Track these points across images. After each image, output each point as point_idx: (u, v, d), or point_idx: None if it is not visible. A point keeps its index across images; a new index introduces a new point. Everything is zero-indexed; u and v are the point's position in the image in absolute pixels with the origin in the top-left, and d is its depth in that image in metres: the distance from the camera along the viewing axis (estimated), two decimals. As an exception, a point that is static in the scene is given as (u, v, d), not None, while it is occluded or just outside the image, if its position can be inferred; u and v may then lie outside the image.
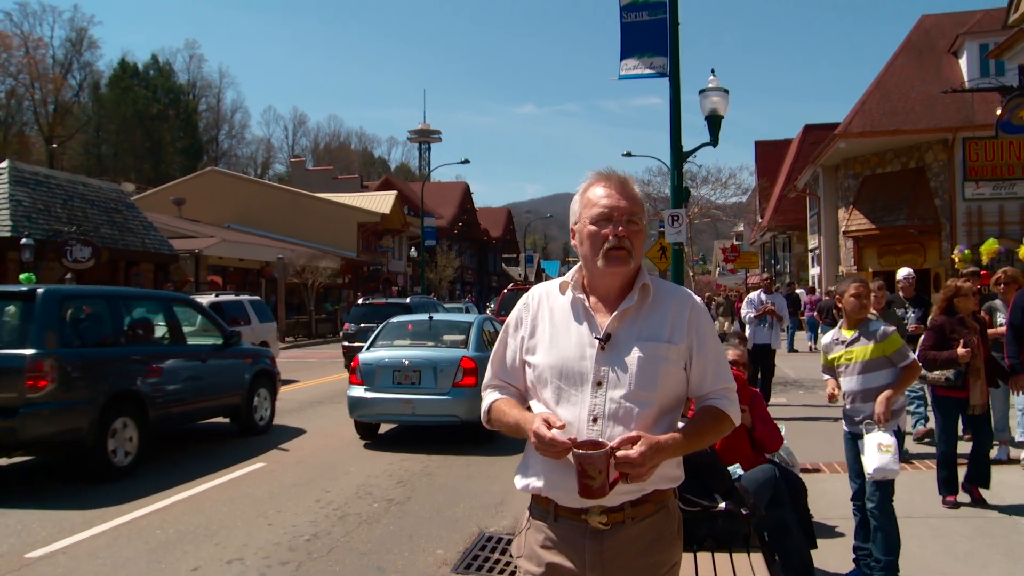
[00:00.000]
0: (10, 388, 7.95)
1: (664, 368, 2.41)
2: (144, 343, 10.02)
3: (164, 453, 10.14)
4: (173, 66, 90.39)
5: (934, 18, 30.57)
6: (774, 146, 50.39)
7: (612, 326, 2.44)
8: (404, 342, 11.43)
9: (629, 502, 2.39)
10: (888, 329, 5.51)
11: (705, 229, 38.38)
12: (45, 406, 8.06)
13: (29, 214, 25.03)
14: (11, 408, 7.90)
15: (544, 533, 2.48)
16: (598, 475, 2.22)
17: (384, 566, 5.91)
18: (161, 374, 9.72)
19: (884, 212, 27.15)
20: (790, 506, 5.23)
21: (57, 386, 8.11)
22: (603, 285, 2.51)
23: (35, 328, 8.26)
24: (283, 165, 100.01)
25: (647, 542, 2.43)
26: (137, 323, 10.15)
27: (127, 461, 8.91)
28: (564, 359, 2.45)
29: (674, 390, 2.46)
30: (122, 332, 9.65)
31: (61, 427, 8.22)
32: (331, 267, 39.11)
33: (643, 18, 12.72)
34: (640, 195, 2.56)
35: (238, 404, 11.34)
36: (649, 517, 2.43)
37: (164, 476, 8.83)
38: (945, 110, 25.38)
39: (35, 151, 68.17)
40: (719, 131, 13.09)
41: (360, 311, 21.47)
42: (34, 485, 8.77)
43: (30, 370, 7.98)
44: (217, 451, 10.27)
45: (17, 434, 7.94)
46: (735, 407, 2.51)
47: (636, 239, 2.46)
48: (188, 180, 51.55)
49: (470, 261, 78.98)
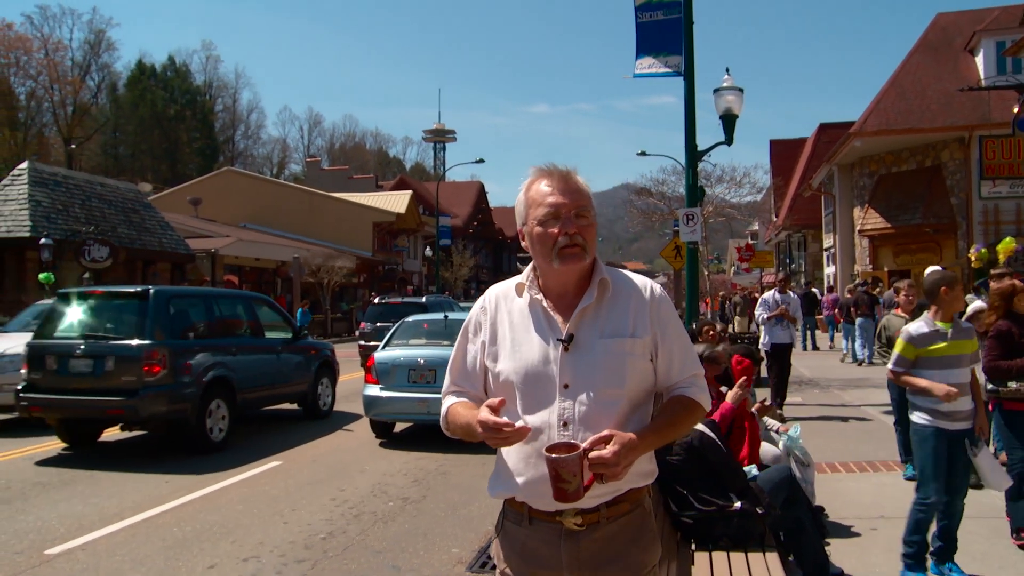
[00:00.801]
0: (131, 373, 9.54)
1: (630, 363, 2.34)
2: (232, 336, 11.51)
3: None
4: (190, 67, 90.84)
5: (950, 16, 30.39)
6: (789, 145, 50.17)
7: (573, 326, 2.36)
8: (419, 341, 11.44)
9: (604, 503, 2.33)
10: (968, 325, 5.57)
11: (720, 228, 38.16)
12: (159, 389, 9.60)
13: (48, 214, 25.23)
14: (132, 390, 9.47)
15: (520, 538, 2.44)
16: (573, 478, 2.15)
17: (399, 564, 5.93)
18: (245, 363, 11.24)
19: (899, 211, 27.01)
20: (805, 506, 5.23)
21: (168, 372, 9.67)
22: (559, 283, 2.43)
23: (149, 323, 9.80)
24: (299, 165, 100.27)
25: (624, 542, 2.36)
26: (226, 319, 11.62)
27: (220, 437, 10.39)
28: (528, 364, 2.37)
29: (642, 384, 2.39)
30: (215, 326, 11.18)
31: (171, 407, 9.73)
32: (346, 266, 39.22)
33: (658, 17, 12.73)
34: (586, 185, 2.44)
35: (305, 391, 12.76)
36: (624, 516, 2.37)
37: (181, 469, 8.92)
38: (961, 108, 25.22)
39: (54, 152, 68.64)
40: (734, 130, 13.06)
41: (376, 310, 21.52)
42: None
43: (147, 358, 9.56)
44: (233, 449, 10.33)
45: (138, 411, 9.50)
46: (704, 393, 2.46)
47: (587, 233, 2.37)
48: (204, 180, 51.86)
49: (485, 260, 79.00)
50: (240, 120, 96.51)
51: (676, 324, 2.47)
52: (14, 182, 25.75)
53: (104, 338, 9.93)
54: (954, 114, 25.37)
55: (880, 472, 8.35)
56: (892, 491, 7.52)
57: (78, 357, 9.73)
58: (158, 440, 11.04)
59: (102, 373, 9.63)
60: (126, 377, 9.55)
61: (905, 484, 7.69)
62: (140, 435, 11.32)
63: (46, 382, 9.87)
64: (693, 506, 4.59)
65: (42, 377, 9.90)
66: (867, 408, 12.63)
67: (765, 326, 12.51)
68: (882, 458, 8.86)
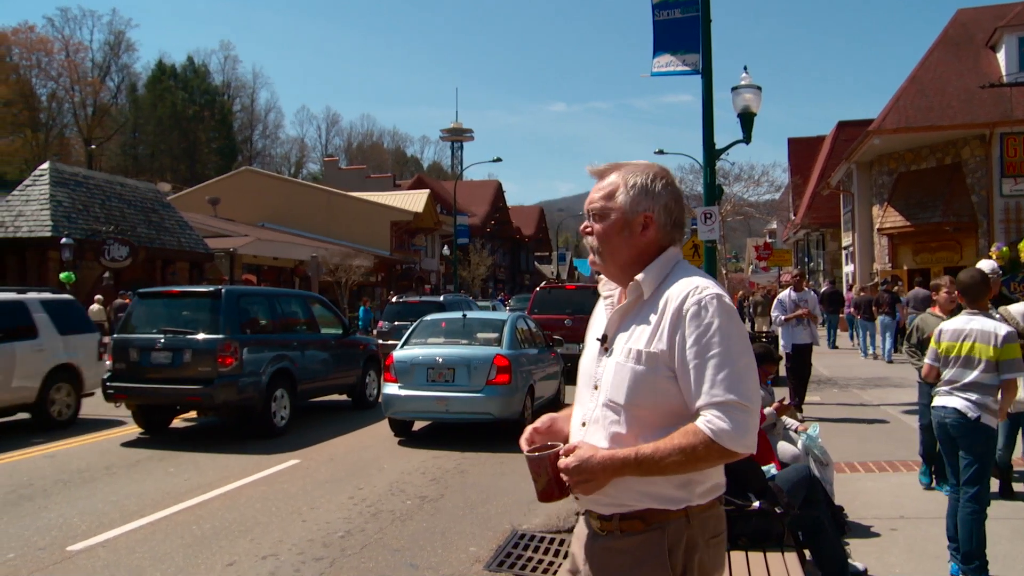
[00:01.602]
0: (206, 364, 10.58)
1: (637, 376, 2.18)
2: (292, 332, 12.55)
3: (202, 447, 10.30)
4: (208, 67, 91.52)
5: (971, 11, 30.07)
6: (807, 143, 49.88)
7: (610, 327, 2.32)
8: (438, 340, 11.49)
9: (619, 514, 2.25)
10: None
11: (738, 227, 38.01)
12: (231, 378, 10.58)
13: (69, 214, 25.45)
14: (208, 379, 10.51)
15: (578, 530, 2.48)
16: (538, 477, 2.22)
17: (417, 563, 5.95)
18: (304, 357, 12.23)
19: (919, 209, 26.80)
20: (825, 505, 5.20)
21: (238, 363, 10.66)
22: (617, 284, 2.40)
23: (222, 319, 10.83)
24: (316, 164, 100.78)
25: (629, 563, 2.24)
26: (286, 316, 12.72)
27: (282, 423, 11.38)
28: (586, 360, 2.40)
29: (657, 403, 2.17)
30: (277, 323, 12.29)
31: (242, 395, 10.68)
32: (364, 265, 39.34)
33: (675, 15, 12.68)
34: (615, 180, 2.32)
35: (354, 383, 13.74)
36: (637, 535, 2.23)
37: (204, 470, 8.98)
38: (982, 105, 24.99)
39: (74, 152, 69.39)
40: (752, 128, 13.01)
41: (394, 309, 21.60)
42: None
43: (221, 351, 10.56)
44: (250, 448, 10.38)
45: (213, 398, 10.56)
46: (727, 427, 2.06)
47: (601, 236, 2.30)
48: (223, 180, 52.16)
49: (503, 259, 79.03)
50: (258, 120, 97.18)
51: (710, 339, 2.12)
52: (36, 182, 26.00)
53: (181, 333, 10.91)
54: (975, 111, 25.13)
55: (900, 472, 8.30)
56: (912, 491, 7.48)
57: (158, 350, 10.77)
58: (179, 438, 11.20)
59: (180, 364, 10.68)
60: (202, 368, 10.61)
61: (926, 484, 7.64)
62: (161, 433, 11.47)
63: (129, 372, 10.91)
64: (711, 505, 4.57)
65: (125, 368, 10.94)
66: (886, 408, 12.56)
67: (783, 328, 12.33)
68: (901, 458, 8.80)
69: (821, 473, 5.86)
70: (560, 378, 13.31)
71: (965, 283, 5.60)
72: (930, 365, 5.80)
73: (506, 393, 10.38)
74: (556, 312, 18.08)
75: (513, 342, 11.15)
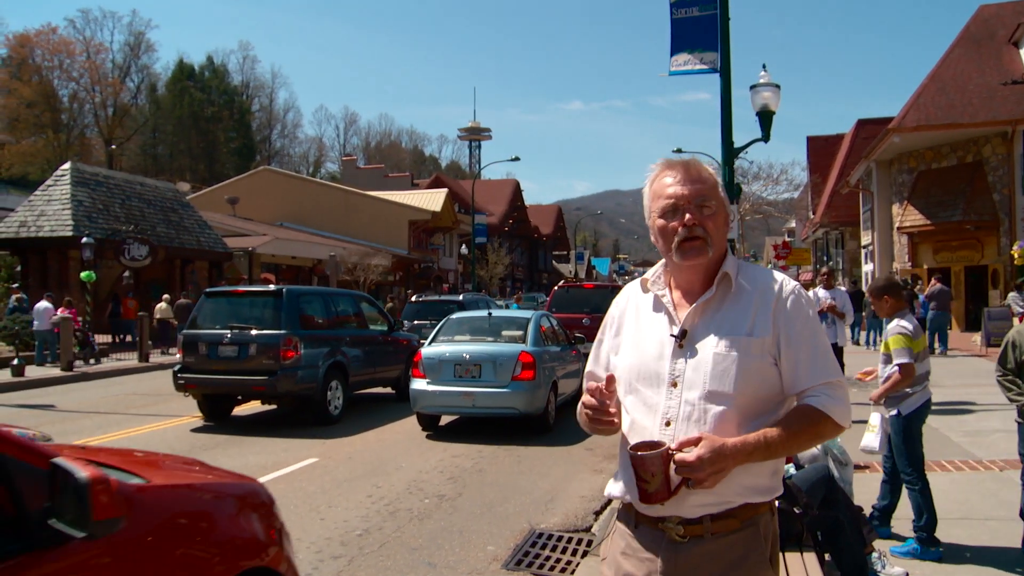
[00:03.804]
0: (270, 357, 11.50)
1: (744, 364, 2.20)
2: (344, 328, 13.46)
3: (221, 448, 10.36)
4: (227, 67, 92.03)
5: (993, 8, 29.80)
6: (826, 141, 49.67)
7: (689, 321, 2.28)
8: (464, 337, 11.79)
9: (709, 515, 2.19)
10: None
11: (757, 226, 37.94)
12: (292, 370, 11.47)
13: (90, 214, 25.63)
14: (271, 371, 11.43)
15: (625, 540, 2.34)
16: (651, 478, 2.08)
17: (435, 561, 5.96)
18: (355, 351, 13.08)
19: (939, 208, 26.60)
20: (844, 506, 5.17)
21: (299, 357, 11.53)
22: (685, 279, 2.36)
23: (284, 316, 11.74)
24: (334, 164, 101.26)
25: (728, 562, 2.21)
26: (339, 313, 13.59)
27: (336, 413, 12.21)
28: (643, 358, 2.32)
29: (759, 389, 2.23)
30: (331, 320, 13.20)
31: (302, 385, 11.59)
32: (382, 264, 39.43)
33: (693, 14, 12.64)
34: (712, 174, 2.35)
35: (398, 377, 14.39)
36: (733, 534, 2.21)
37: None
38: (1004, 102, 24.77)
39: (95, 152, 69.89)
40: (771, 126, 12.95)
41: (415, 308, 21.78)
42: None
43: (283, 345, 11.45)
44: (269, 447, 10.43)
45: (276, 388, 11.45)
46: (839, 405, 2.21)
47: (711, 223, 2.28)
48: (242, 179, 52.42)
49: (520, 258, 79.06)
50: (277, 119, 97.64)
51: (807, 324, 2.27)
52: (57, 182, 26.21)
53: (246, 328, 11.82)
54: (996, 108, 24.91)
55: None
56: (933, 492, 7.40)
57: (225, 344, 11.73)
58: (202, 438, 11.26)
59: (245, 357, 11.62)
60: (266, 361, 11.51)
61: (944, 485, 7.57)
62: (182, 431, 11.57)
63: (197, 364, 11.87)
64: (729, 505, 4.56)
65: (194, 360, 11.90)
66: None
67: None
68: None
69: (840, 473, 5.82)
70: (581, 376, 13.35)
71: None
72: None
73: (531, 389, 10.60)
74: (574, 311, 18.09)
75: (537, 339, 11.37)
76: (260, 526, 3.41)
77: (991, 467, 8.14)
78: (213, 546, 3.07)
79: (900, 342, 5.73)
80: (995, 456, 8.54)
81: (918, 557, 5.56)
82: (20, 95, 63.86)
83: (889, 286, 6.11)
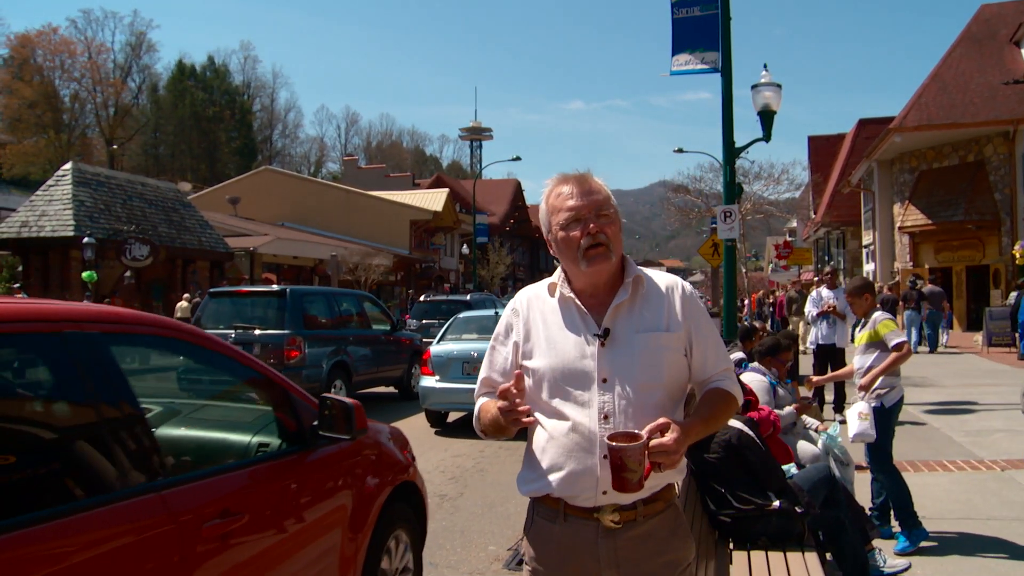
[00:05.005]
0: (274, 357, 11.51)
1: (667, 357, 2.40)
2: (347, 328, 13.60)
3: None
4: (228, 67, 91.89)
5: (995, 7, 29.79)
6: (828, 141, 49.63)
7: (609, 321, 2.41)
8: (472, 336, 12.01)
9: (641, 500, 2.36)
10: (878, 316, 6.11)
11: (758, 225, 37.75)
12: (296, 370, 11.51)
13: (91, 214, 25.65)
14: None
15: (553, 535, 2.43)
16: (638, 468, 2.16)
17: (436, 561, 5.96)
18: (358, 350, 13.27)
19: (941, 207, 26.59)
20: (846, 505, 5.17)
21: (303, 356, 11.71)
22: (589, 284, 2.47)
23: (288, 316, 11.92)
24: (336, 164, 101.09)
25: (662, 538, 2.40)
26: (342, 313, 13.78)
27: None
28: (565, 360, 2.41)
29: (678, 378, 2.45)
30: (334, 319, 13.35)
31: (306, 385, 10.97)
32: (384, 264, 39.42)
33: (694, 13, 12.66)
34: (603, 186, 2.50)
35: (401, 376, 14.71)
36: (660, 514, 2.41)
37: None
38: (1006, 101, 24.76)
39: (96, 152, 69.82)
40: (772, 126, 12.93)
41: (422, 308, 22.07)
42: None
43: (287, 345, 11.65)
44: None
45: None
46: (737, 387, 2.54)
47: (610, 229, 2.41)
48: (243, 179, 52.39)
49: (522, 258, 79.00)
50: (278, 119, 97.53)
51: (707, 320, 2.54)
52: (59, 182, 26.23)
53: (250, 328, 11.98)
54: (998, 108, 24.90)
55: (921, 472, 8.23)
56: (933, 491, 7.41)
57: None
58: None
59: None
60: (270, 360, 11.27)
61: (946, 484, 7.59)
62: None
63: None
64: (731, 505, 4.56)
65: None
66: (908, 407, 12.43)
67: (813, 325, 12.08)
68: (923, 458, 8.74)
69: (842, 473, 5.83)
70: None
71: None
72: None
73: None
74: None
75: None
76: (404, 454, 4.88)
77: (993, 467, 8.16)
78: (386, 458, 4.58)
79: (890, 326, 6.07)
80: (997, 456, 8.56)
81: (914, 546, 5.68)
82: (21, 95, 63.81)
83: (867, 284, 6.61)
